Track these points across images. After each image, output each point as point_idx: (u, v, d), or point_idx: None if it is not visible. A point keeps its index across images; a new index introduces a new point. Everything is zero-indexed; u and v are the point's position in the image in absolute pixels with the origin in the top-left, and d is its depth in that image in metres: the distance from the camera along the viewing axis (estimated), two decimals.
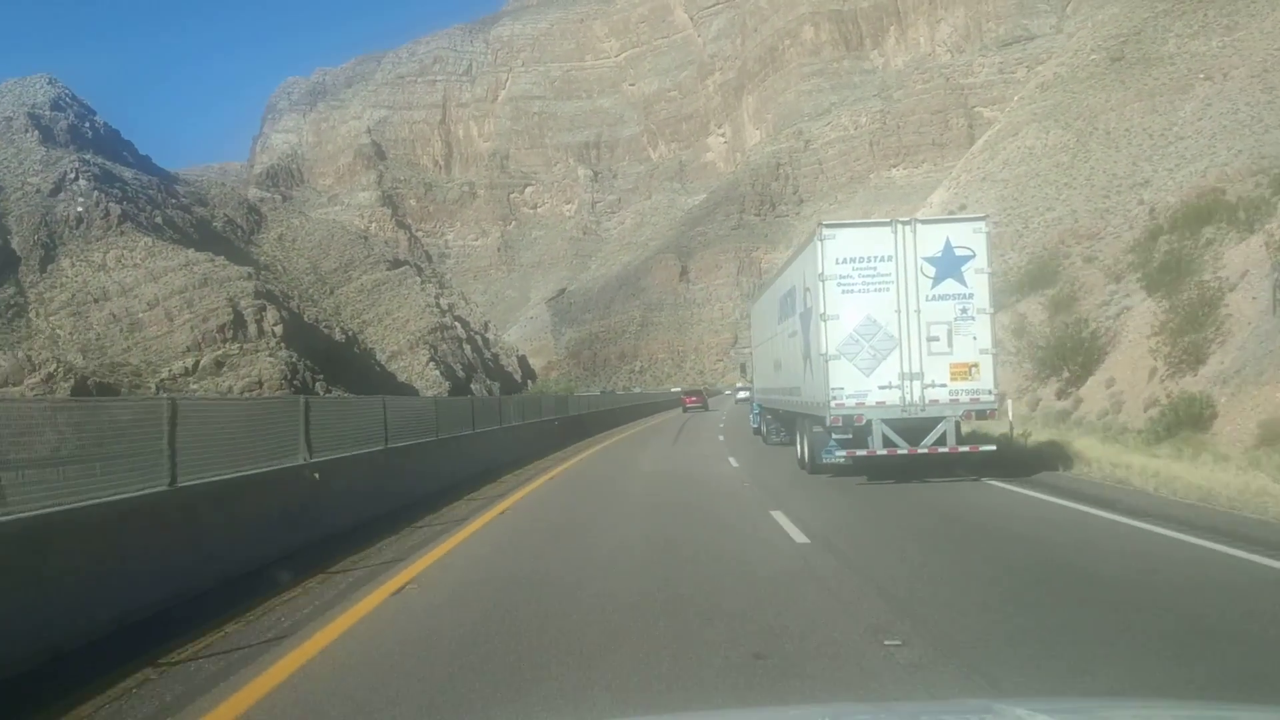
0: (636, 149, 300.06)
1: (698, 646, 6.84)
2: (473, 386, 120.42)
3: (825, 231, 17.11)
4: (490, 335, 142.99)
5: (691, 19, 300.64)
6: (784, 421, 26.29)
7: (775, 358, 24.66)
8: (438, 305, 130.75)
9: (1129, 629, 6.97)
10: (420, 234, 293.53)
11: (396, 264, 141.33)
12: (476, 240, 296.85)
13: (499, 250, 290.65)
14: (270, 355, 74.43)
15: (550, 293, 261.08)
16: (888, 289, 16.67)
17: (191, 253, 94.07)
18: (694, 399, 72.56)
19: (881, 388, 16.64)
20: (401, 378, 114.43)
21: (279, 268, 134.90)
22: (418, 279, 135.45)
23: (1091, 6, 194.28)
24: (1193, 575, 8.84)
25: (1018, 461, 18.58)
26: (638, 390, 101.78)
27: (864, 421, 16.72)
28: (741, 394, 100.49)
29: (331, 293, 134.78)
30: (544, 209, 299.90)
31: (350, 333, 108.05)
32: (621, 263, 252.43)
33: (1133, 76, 79.49)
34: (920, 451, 16.57)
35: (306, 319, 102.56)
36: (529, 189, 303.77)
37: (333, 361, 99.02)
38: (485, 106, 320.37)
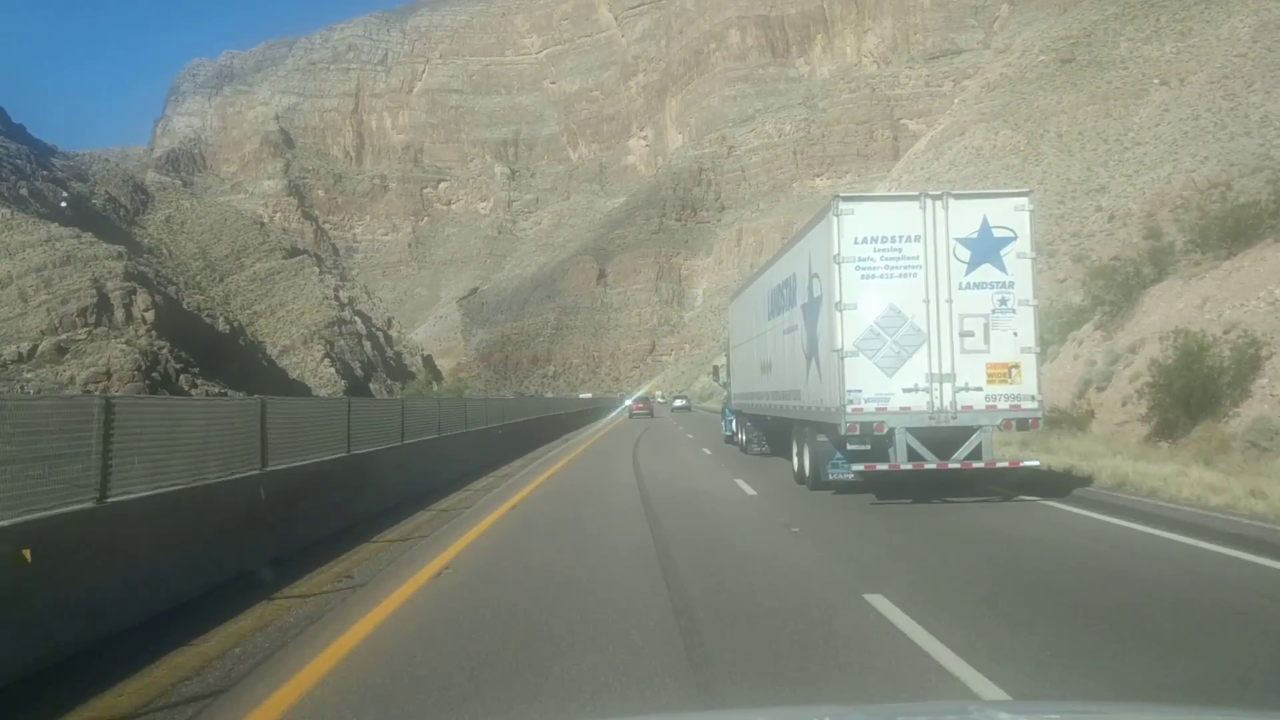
0: (556, 148, 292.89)
1: None
2: (371, 386, 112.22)
3: (842, 205, 14.61)
4: (394, 332, 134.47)
5: (616, 18, 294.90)
6: (770, 430, 23.69)
7: (763, 358, 21.87)
8: (337, 298, 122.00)
9: None
10: (328, 226, 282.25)
11: (294, 253, 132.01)
12: (387, 235, 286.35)
13: (410, 246, 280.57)
14: (127, 343, 65.41)
15: (462, 292, 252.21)
16: (914, 274, 14.37)
17: (55, 228, 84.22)
18: (641, 406, 78.21)
19: (906, 391, 14.25)
20: (293, 374, 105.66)
21: (164, 251, 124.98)
22: (316, 269, 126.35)
23: (1019, 23, 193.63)
24: None
25: (1043, 476, 15.63)
26: (550, 395, 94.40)
27: (885, 430, 14.26)
28: (678, 403, 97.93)
29: (221, 280, 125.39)
30: (458, 206, 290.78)
31: (237, 323, 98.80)
32: (537, 264, 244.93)
33: (1085, 79, 75.46)
34: (951, 467, 14.23)
35: (186, 306, 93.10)
36: (443, 184, 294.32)
37: (214, 354, 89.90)
38: (400, 98, 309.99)
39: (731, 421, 29.93)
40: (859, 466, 14.49)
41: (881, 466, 14.27)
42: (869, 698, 5.61)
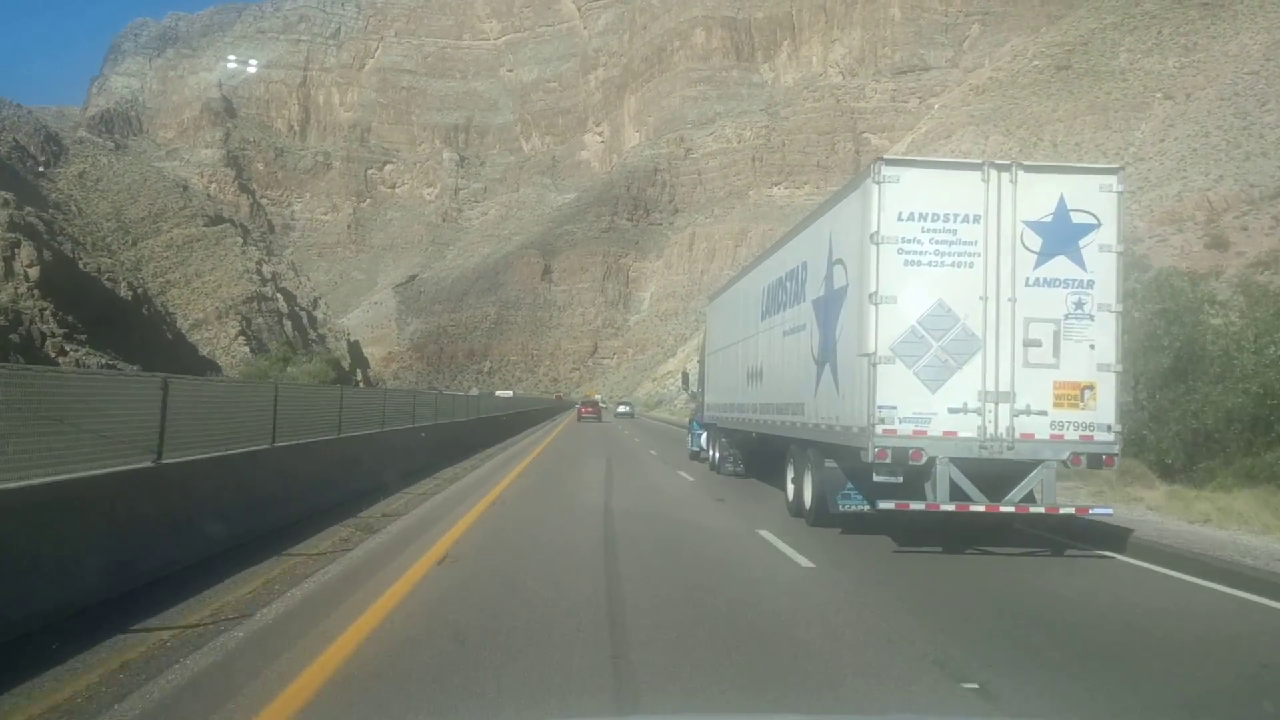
0: (508, 138, 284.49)
1: None
2: (290, 370, 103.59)
3: (885, 170, 11.27)
4: (320, 314, 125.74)
5: (579, 9, 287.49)
6: (753, 449, 20.31)
7: (751, 365, 18.66)
8: (259, 272, 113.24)
9: None
10: (265, 201, 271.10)
11: (216, 220, 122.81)
12: (326, 215, 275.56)
13: (350, 228, 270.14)
14: None
15: (401, 278, 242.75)
16: (971, 264, 11.25)
17: None
18: (589, 409, 77.27)
19: (953, 411, 11.13)
20: (204, 350, 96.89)
21: (73, 208, 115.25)
22: (239, 240, 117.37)
23: (990, 43, 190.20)
24: None
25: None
26: (475, 392, 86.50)
27: (923, 459, 11.07)
28: (620, 409, 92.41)
29: (134, 244, 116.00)
30: (403, 190, 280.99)
31: (141, 290, 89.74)
32: (481, 255, 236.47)
33: (1082, 88, 70.14)
34: (1004, 510, 11.19)
35: (84, 267, 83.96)
36: (389, 167, 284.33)
37: (110, 322, 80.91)
38: (350, 74, 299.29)
39: (700, 436, 26.37)
40: (887, 504, 11.32)
41: (917, 506, 11.20)
42: None
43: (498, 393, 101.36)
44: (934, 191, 11.45)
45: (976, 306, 11.22)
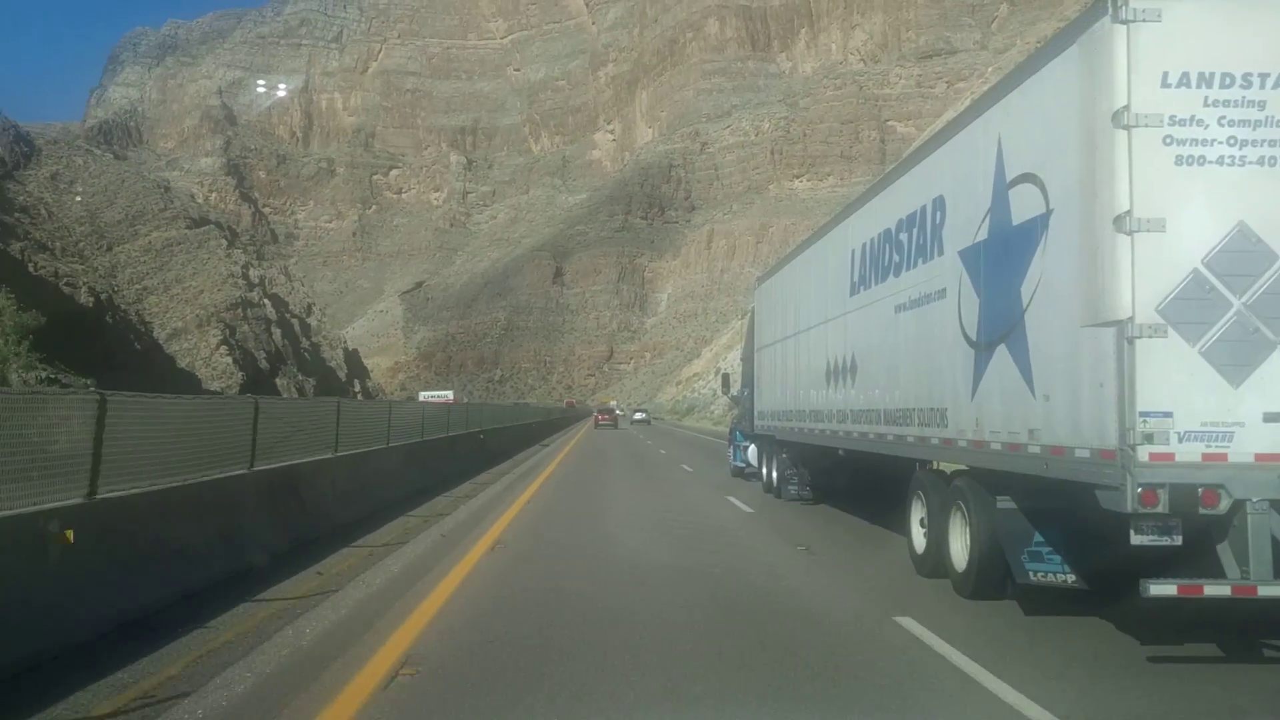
0: (517, 139, 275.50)
1: None
2: (278, 382, 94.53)
3: (1139, 5, 6.80)
4: (314, 321, 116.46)
5: (587, 4, 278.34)
6: (828, 468, 15.90)
7: (834, 358, 13.92)
8: (245, 277, 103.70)
9: None
10: (267, 210, 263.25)
11: (199, 223, 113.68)
12: (331, 222, 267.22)
13: (355, 235, 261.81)
14: None
15: (408, 286, 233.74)
16: None
17: None
18: (606, 417, 78.81)
19: (1273, 418, 6.77)
20: (182, 362, 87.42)
21: (42, 211, 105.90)
22: (223, 243, 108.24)
23: (1020, 23, 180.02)
24: None
25: None
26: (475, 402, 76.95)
27: (1222, 505, 6.70)
28: (637, 415, 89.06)
29: (109, 249, 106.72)
30: (409, 195, 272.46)
31: (105, 295, 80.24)
32: (490, 259, 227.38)
33: None
34: None
35: (35, 270, 74.36)
36: (394, 172, 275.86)
37: (69, 331, 71.18)
38: (353, 78, 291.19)
39: (747, 449, 22.35)
40: (1165, 588, 6.52)
41: (1218, 590, 6.56)
42: None
43: (422, 395, 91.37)
44: (1226, 36, 6.85)
45: None
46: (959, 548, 9.30)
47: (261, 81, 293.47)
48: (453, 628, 7.66)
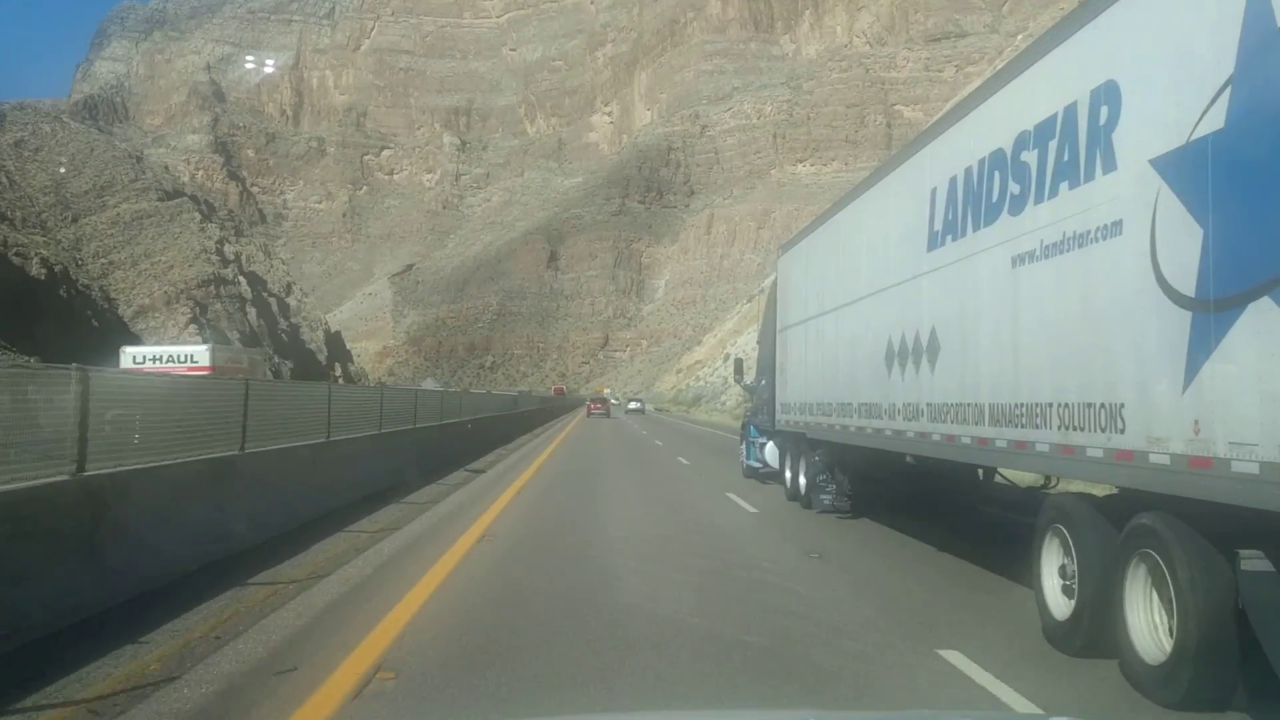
0: (512, 121, 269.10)
1: None
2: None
3: None
4: (294, 300, 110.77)
5: None
6: (875, 475, 13.05)
7: (906, 334, 10.67)
8: (219, 252, 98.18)
9: None
10: (255, 190, 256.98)
11: (171, 195, 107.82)
12: (320, 203, 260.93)
13: (345, 216, 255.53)
14: None
15: (399, 269, 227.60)
16: None
17: None
18: (598, 406, 77.94)
19: None
20: (148, 341, 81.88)
21: (3, 180, 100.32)
22: (197, 216, 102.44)
23: (1034, 5, 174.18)
24: None
25: None
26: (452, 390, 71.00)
27: None
28: (632, 405, 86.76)
29: (75, 221, 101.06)
30: (401, 176, 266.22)
31: (58, 268, 75.00)
32: (483, 242, 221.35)
33: None
34: None
35: None
36: (386, 152, 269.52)
37: (15, 304, 66.01)
38: (345, 55, 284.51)
39: (763, 446, 18.54)
40: None
41: None
42: None
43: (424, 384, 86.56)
44: None
45: None
46: (1145, 624, 6.25)
47: (250, 57, 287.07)
48: None
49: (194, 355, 33.77)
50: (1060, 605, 7.24)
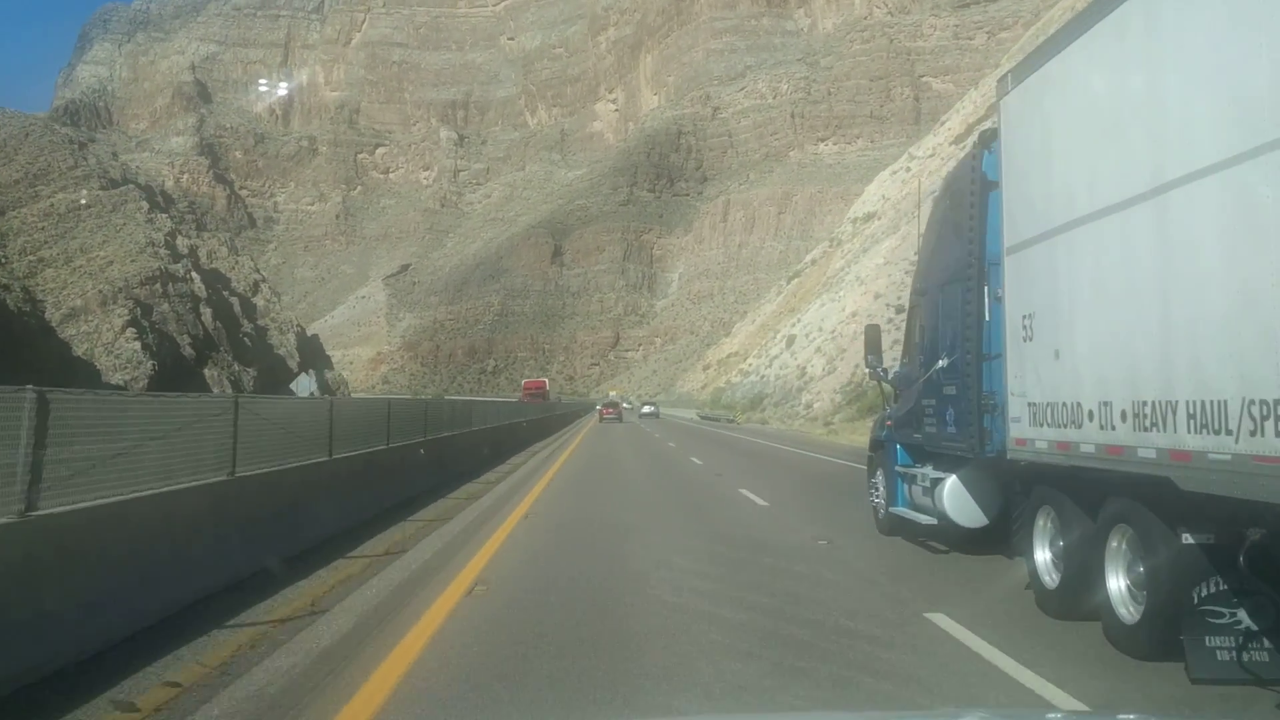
0: (512, 113, 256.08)
1: None
2: (207, 373, 75.69)
3: None
4: (261, 301, 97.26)
5: None
6: None
7: None
8: (168, 246, 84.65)
9: None
10: (244, 192, 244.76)
11: (116, 183, 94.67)
12: (313, 205, 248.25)
13: (339, 218, 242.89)
14: None
15: (393, 270, 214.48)
16: None
17: None
18: (610, 410, 75.26)
19: None
20: (80, 348, 68.60)
21: None
22: (144, 205, 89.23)
23: None
24: None
25: None
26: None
27: None
28: (645, 409, 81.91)
29: (1, 213, 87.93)
30: (397, 174, 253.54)
31: None
32: (483, 240, 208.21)
33: None
34: None
35: None
36: (380, 150, 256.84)
37: None
38: (336, 50, 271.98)
39: (934, 483, 9.25)
40: None
41: None
42: None
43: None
44: None
45: None
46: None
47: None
48: None
49: None
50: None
